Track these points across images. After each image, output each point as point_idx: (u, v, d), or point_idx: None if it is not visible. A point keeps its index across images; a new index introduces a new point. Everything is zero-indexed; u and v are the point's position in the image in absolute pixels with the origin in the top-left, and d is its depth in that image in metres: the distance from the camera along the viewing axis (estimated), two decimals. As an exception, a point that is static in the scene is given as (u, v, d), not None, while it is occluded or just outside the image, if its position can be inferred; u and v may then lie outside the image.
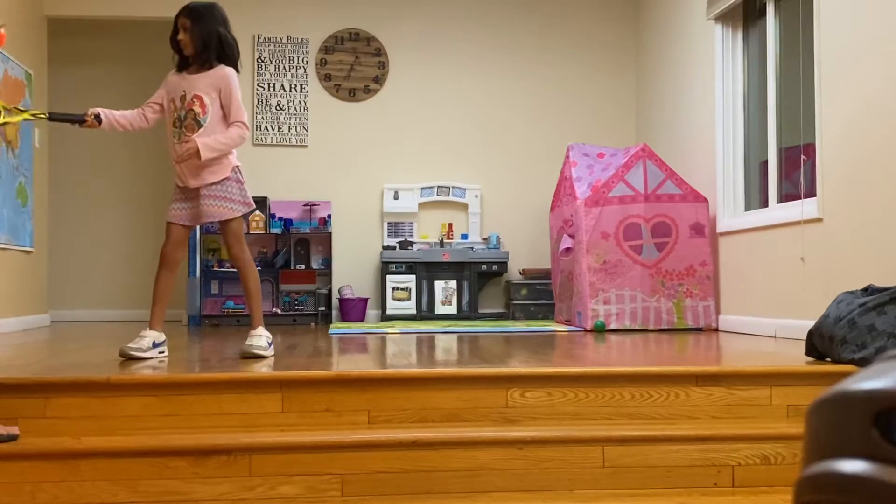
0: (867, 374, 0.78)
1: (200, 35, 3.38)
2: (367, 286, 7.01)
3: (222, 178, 3.42)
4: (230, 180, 3.44)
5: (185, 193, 3.45)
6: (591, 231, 5.43)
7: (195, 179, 3.40)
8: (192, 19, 3.38)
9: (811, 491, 0.80)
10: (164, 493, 2.50)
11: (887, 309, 3.07)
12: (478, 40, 7.22)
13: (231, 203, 3.43)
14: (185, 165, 3.39)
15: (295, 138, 7.03)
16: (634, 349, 4.04)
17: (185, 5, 3.43)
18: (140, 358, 3.29)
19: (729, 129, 5.55)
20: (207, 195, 3.40)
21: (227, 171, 3.43)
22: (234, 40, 3.48)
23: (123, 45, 7.52)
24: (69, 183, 7.47)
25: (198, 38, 3.38)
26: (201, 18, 3.39)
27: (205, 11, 3.41)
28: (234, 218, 3.45)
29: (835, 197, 4.22)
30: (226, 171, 3.43)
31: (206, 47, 3.39)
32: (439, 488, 2.60)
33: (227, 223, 3.45)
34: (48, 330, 5.97)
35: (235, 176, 3.46)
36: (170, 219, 3.46)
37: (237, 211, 3.44)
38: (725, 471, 2.70)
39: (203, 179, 3.40)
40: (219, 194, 3.41)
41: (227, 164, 3.44)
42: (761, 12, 5.32)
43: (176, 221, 3.45)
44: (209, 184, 3.40)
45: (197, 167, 3.38)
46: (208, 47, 3.39)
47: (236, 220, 3.47)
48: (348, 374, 2.82)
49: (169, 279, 3.46)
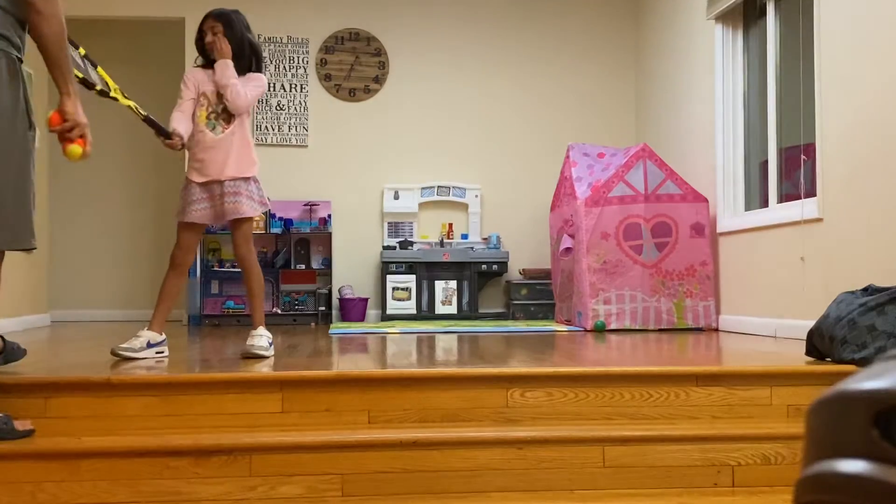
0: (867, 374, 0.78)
1: (233, 42, 3.45)
2: (368, 286, 7.01)
3: (249, 177, 3.46)
4: (252, 180, 3.48)
5: (207, 191, 3.43)
6: (591, 231, 5.44)
7: (222, 171, 3.40)
8: (223, 24, 3.45)
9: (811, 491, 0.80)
10: (165, 493, 2.50)
11: (887, 309, 3.07)
12: (478, 40, 7.22)
13: (252, 202, 3.46)
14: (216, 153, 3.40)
15: (295, 138, 7.04)
16: (634, 349, 4.04)
17: (213, 10, 3.49)
18: (130, 358, 3.28)
19: (729, 129, 5.55)
20: (232, 192, 3.41)
21: (254, 171, 3.49)
22: (258, 44, 3.58)
23: (123, 45, 7.52)
24: (69, 183, 7.47)
25: (231, 44, 3.45)
26: (232, 25, 3.47)
27: (234, 18, 3.49)
28: (250, 217, 3.47)
29: (835, 197, 4.22)
30: (253, 170, 3.49)
31: (240, 55, 3.48)
32: (439, 488, 2.60)
33: (241, 222, 3.46)
34: (48, 330, 5.97)
35: (255, 176, 3.52)
36: (191, 219, 3.43)
37: (257, 210, 3.49)
38: (725, 471, 2.70)
39: (229, 173, 3.41)
40: (243, 191, 3.43)
41: (254, 166, 3.50)
42: (761, 12, 5.32)
43: (199, 221, 3.45)
44: (235, 178, 3.42)
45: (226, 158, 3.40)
46: (243, 55, 3.48)
47: (249, 221, 3.49)
48: (348, 374, 2.82)
49: (177, 283, 3.46)
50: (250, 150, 3.51)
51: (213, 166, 3.42)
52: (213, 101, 3.47)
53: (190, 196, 3.44)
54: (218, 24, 3.45)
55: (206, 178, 3.43)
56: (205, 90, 3.48)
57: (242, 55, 3.49)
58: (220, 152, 3.43)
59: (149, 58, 7.13)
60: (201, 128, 3.46)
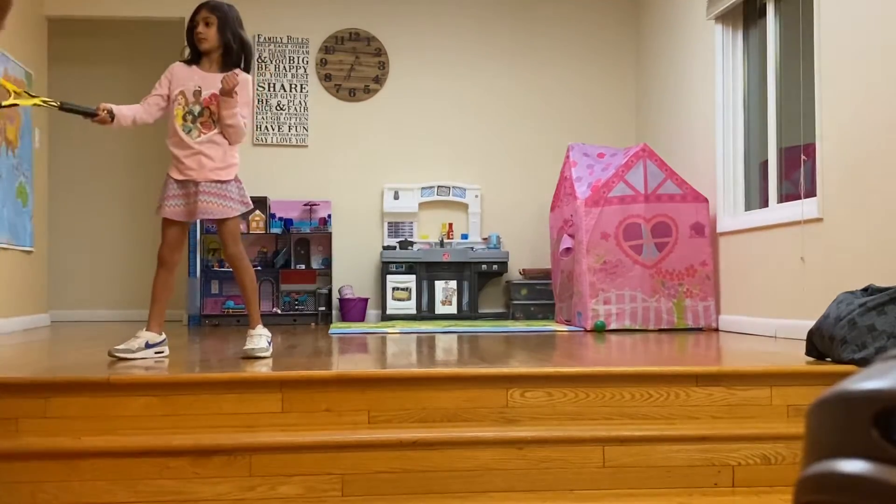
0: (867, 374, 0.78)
1: (224, 35, 3.41)
2: (368, 286, 7.01)
3: (226, 180, 3.42)
4: (233, 181, 3.45)
5: (183, 188, 3.41)
6: (591, 231, 5.43)
7: (199, 173, 3.38)
8: (217, 17, 3.41)
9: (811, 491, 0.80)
10: (164, 493, 2.50)
11: (887, 309, 3.07)
12: (478, 40, 7.22)
13: (229, 202, 3.42)
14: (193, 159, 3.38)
15: (295, 138, 7.04)
16: (634, 349, 4.04)
17: (208, 2, 3.44)
18: (127, 359, 3.27)
19: (729, 129, 5.55)
20: (207, 192, 3.38)
21: (233, 173, 3.45)
22: (250, 42, 3.52)
23: (123, 45, 7.52)
24: (69, 183, 7.47)
25: (222, 37, 3.41)
26: (226, 19, 3.42)
27: (228, 12, 3.44)
28: (231, 217, 3.44)
29: (835, 197, 4.22)
30: (231, 174, 3.44)
31: (229, 50, 3.43)
32: (440, 488, 2.60)
33: (225, 222, 3.44)
34: (48, 330, 5.97)
35: (236, 176, 3.48)
36: (164, 214, 3.41)
37: (235, 210, 3.44)
38: (725, 471, 2.70)
39: (207, 176, 3.39)
40: (218, 192, 3.40)
41: (234, 168, 3.46)
42: (761, 12, 5.32)
43: (173, 217, 3.42)
44: (211, 181, 3.39)
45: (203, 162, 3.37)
46: (231, 50, 3.43)
47: (233, 220, 3.46)
48: (348, 374, 2.82)
49: (167, 280, 3.45)
50: (229, 152, 3.45)
51: (190, 169, 3.39)
52: (190, 101, 3.41)
53: (167, 191, 3.42)
54: (212, 16, 3.40)
55: (184, 177, 3.41)
56: (184, 88, 3.42)
57: (232, 51, 3.44)
58: (197, 157, 3.38)
59: (149, 58, 7.13)
60: (177, 129, 3.41)
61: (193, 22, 3.44)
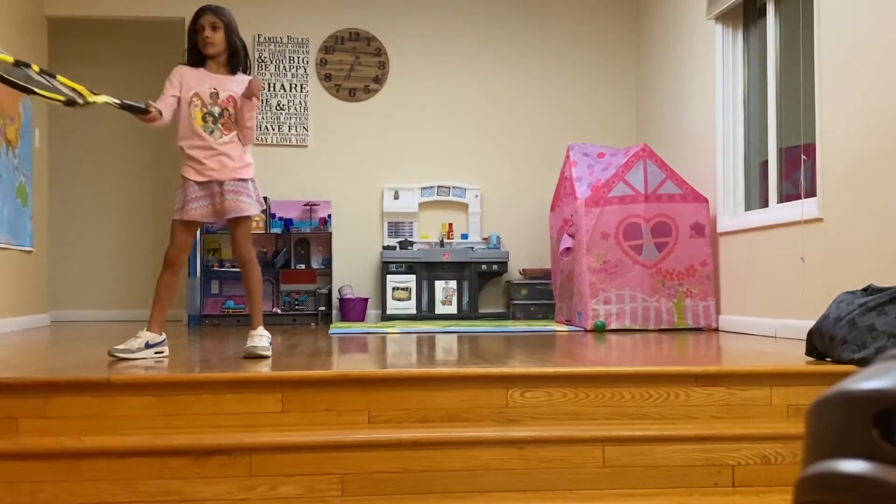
0: (867, 374, 0.78)
1: (230, 39, 3.48)
2: (368, 286, 7.01)
3: (247, 178, 3.49)
4: (250, 180, 3.52)
5: (205, 189, 3.43)
6: (591, 231, 5.44)
7: (222, 173, 3.42)
8: (223, 21, 3.47)
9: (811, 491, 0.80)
10: (164, 493, 2.50)
11: (887, 309, 3.07)
12: (478, 40, 7.22)
13: (252, 200, 3.49)
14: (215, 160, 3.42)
15: (295, 138, 7.04)
16: (634, 349, 4.04)
17: (211, 6, 3.49)
18: (127, 358, 3.28)
19: (729, 129, 5.55)
20: (232, 191, 3.43)
21: (250, 174, 3.53)
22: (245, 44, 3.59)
23: (123, 45, 7.53)
24: (69, 183, 7.47)
25: (228, 41, 3.48)
26: (231, 24, 3.49)
27: (231, 16, 3.52)
28: (251, 215, 3.50)
29: (835, 197, 4.22)
30: (250, 173, 3.52)
31: (235, 54, 3.50)
32: (440, 488, 2.60)
33: (241, 221, 3.48)
34: (48, 330, 5.97)
35: (252, 176, 3.57)
36: (190, 217, 3.42)
37: (256, 209, 3.53)
38: (725, 471, 2.70)
39: (230, 175, 3.43)
40: (243, 190, 3.46)
41: (251, 167, 3.54)
42: (761, 12, 5.32)
43: (199, 219, 3.48)
44: (235, 179, 3.44)
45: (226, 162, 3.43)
46: (237, 53, 3.51)
47: (249, 219, 3.52)
48: (348, 374, 2.82)
49: (172, 281, 3.46)
50: (245, 152, 3.53)
51: (212, 169, 3.43)
52: (208, 102, 3.45)
53: (189, 194, 3.43)
54: (219, 21, 3.45)
55: (205, 178, 3.43)
56: (198, 90, 3.45)
57: (238, 54, 3.51)
58: (220, 158, 3.44)
59: (149, 58, 7.13)
60: (198, 130, 3.43)
61: (197, 25, 3.46)
